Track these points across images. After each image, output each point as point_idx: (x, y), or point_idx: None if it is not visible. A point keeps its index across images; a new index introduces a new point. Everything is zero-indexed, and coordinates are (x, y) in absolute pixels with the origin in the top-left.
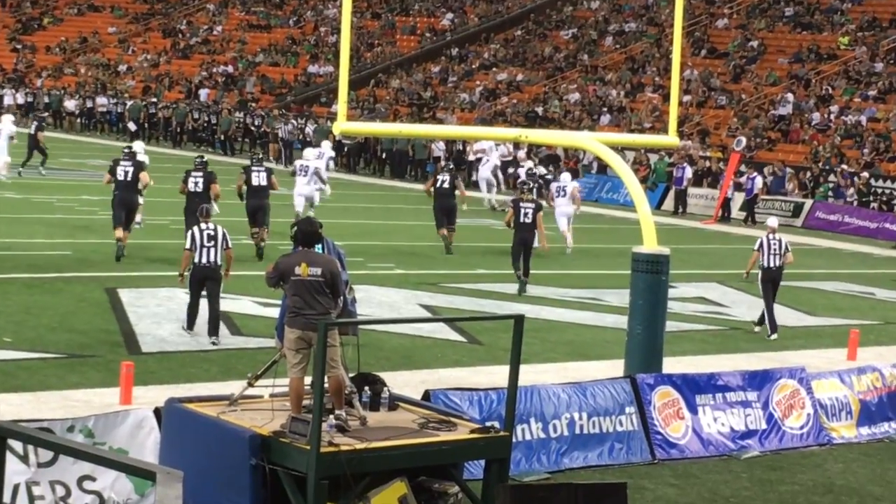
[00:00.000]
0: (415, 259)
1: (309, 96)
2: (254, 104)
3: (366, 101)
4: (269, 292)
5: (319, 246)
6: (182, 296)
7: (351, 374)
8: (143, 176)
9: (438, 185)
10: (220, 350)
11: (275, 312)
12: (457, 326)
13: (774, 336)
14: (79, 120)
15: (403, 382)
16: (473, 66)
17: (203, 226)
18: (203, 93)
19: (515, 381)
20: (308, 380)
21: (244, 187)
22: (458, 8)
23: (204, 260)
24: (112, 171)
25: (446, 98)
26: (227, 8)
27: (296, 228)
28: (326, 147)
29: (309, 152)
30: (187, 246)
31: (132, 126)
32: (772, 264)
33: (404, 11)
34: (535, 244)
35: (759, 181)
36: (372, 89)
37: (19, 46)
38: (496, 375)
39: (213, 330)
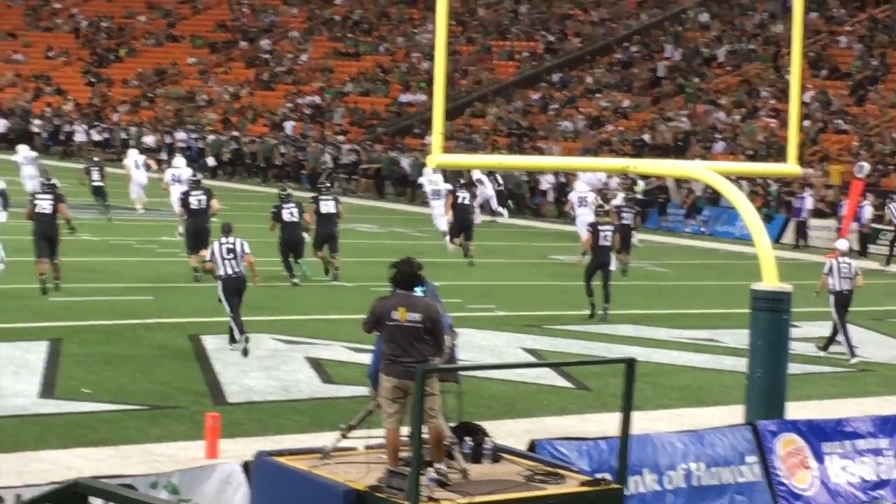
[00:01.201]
0: (516, 300)
1: (401, 127)
2: (342, 136)
3: (461, 130)
4: (361, 337)
5: (421, 288)
6: (269, 342)
7: (451, 424)
8: (214, 203)
9: (460, 200)
10: (310, 400)
11: (368, 358)
12: (563, 371)
13: (855, 360)
14: (159, 156)
15: (507, 432)
16: (576, 93)
17: (223, 239)
18: (288, 125)
19: (628, 429)
20: (405, 430)
21: (314, 216)
22: (559, 31)
23: (229, 271)
24: (185, 203)
25: (547, 127)
26: (312, 35)
27: (395, 269)
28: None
29: (434, 176)
30: (207, 258)
31: (212, 161)
32: (842, 288)
33: (501, 35)
34: (612, 267)
35: (868, 210)
36: (468, 118)
37: (94, 80)
38: (606, 424)
39: (239, 331)
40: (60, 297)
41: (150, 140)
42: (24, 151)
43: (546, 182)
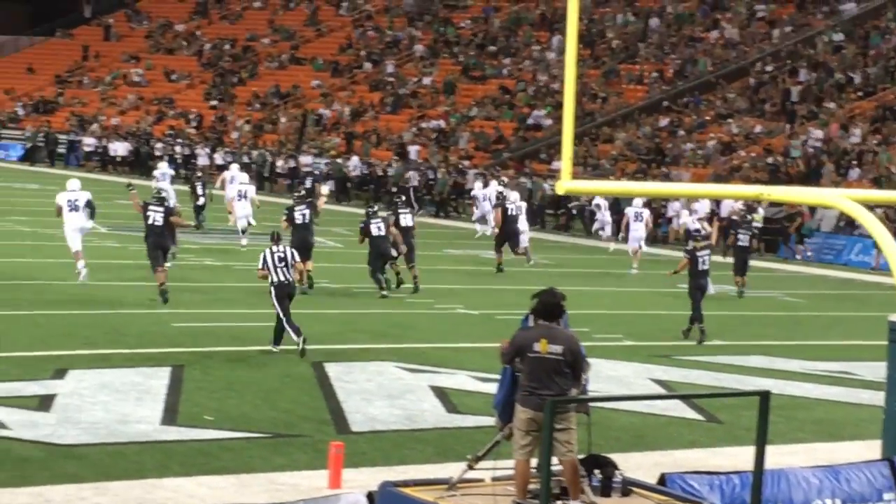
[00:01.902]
0: (645, 329)
1: (527, 152)
2: (467, 161)
3: (588, 156)
4: (486, 366)
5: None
6: (392, 370)
7: (580, 456)
8: (320, 200)
9: (510, 213)
10: (435, 429)
11: (493, 388)
12: (693, 403)
13: None
14: (286, 181)
15: (636, 465)
16: (706, 118)
17: (274, 248)
18: (413, 150)
19: (761, 463)
20: (535, 461)
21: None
22: (689, 54)
23: (281, 278)
24: (290, 218)
25: (677, 152)
26: (437, 58)
27: (536, 299)
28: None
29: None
30: (259, 266)
31: (327, 189)
32: None
33: (630, 58)
34: (710, 290)
35: None
36: (595, 143)
37: (216, 103)
38: (738, 458)
39: (277, 340)
40: (183, 323)
41: (278, 164)
42: (163, 168)
43: (671, 209)
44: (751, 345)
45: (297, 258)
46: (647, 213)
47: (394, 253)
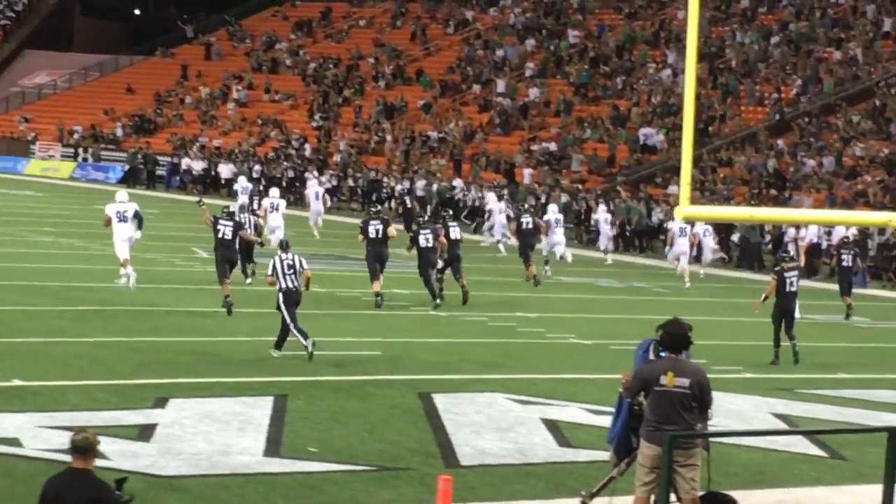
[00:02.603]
0: (764, 361)
1: (642, 176)
2: (580, 185)
3: (705, 180)
4: (600, 398)
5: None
6: (502, 401)
7: (699, 493)
8: (391, 230)
9: (524, 226)
10: (546, 464)
11: (607, 421)
12: (816, 439)
13: None
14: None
15: (757, 503)
16: (830, 141)
17: (283, 256)
18: (526, 173)
19: (890, 503)
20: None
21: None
22: (812, 75)
23: (289, 284)
24: (364, 231)
25: (799, 177)
26: (548, 77)
27: (662, 331)
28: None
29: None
30: (269, 273)
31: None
32: None
33: (748, 77)
34: (797, 315)
35: None
36: (714, 167)
37: (321, 123)
38: (863, 496)
39: (279, 345)
40: (286, 351)
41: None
42: (242, 182)
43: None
44: (878, 378)
45: (306, 266)
46: (689, 228)
47: (439, 263)
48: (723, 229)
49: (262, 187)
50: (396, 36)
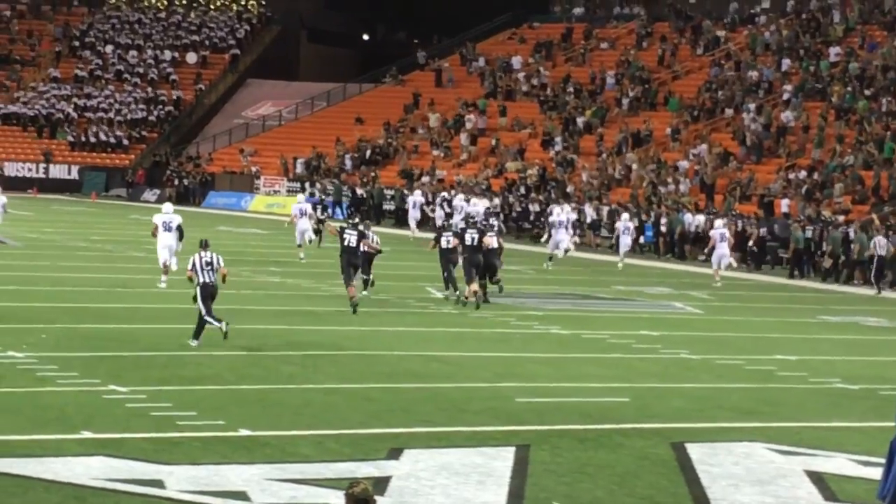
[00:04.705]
0: None
1: None
2: (841, 217)
3: None
4: (868, 448)
5: None
6: (762, 452)
7: None
8: (488, 240)
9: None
10: None
11: (877, 473)
12: None
13: None
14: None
15: None
16: None
17: (203, 254)
18: (783, 203)
19: None
20: None
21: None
22: None
23: (207, 279)
24: (438, 240)
25: None
26: (807, 100)
27: None
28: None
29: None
30: (189, 268)
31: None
32: None
33: None
34: None
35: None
36: None
37: (561, 150)
38: None
39: (197, 335)
40: (528, 398)
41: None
42: (300, 199)
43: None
44: None
45: (223, 263)
46: (728, 233)
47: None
48: None
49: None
50: (641, 57)
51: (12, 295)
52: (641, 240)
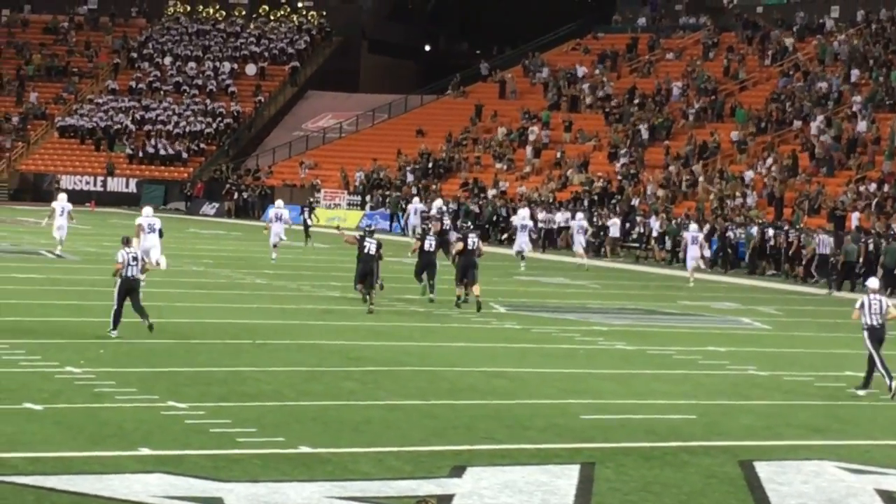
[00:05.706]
0: None
1: None
2: None
3: None
4: None
5: None
6: (832, 470)
7: None
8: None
9: (426, 247)
10: None
11: None
12: None
13: (862, 392)
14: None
15: None
16: None
17: (128, 249)
18: (854, 216)
19: None
20: None
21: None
22: None
23: (130, 274)
24: (446, 242)
25: None
26: (878, 111)
27: None
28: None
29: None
30: (118, 261)
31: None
32: (874, 322)
33: None
34: None
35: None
36: None
37: (627, 163)
38: None
39: (115, 325)
40: (593, 415)
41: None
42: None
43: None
44: None
45: (147, 259)
46: (701, 236)
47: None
48: None
49: None
50: (708, 68)
51: (70, 310)
52: (707, 253)
